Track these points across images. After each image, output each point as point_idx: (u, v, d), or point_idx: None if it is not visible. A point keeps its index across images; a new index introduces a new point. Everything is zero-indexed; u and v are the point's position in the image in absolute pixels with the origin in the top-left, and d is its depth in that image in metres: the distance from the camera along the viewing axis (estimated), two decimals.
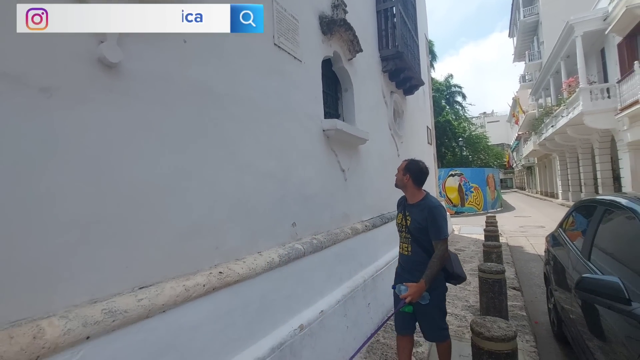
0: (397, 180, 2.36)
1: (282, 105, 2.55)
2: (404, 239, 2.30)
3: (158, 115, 1.57)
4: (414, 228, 2.19)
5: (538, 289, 4.36)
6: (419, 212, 2.18)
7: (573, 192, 17.88)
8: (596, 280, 1.53)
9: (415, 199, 2.27)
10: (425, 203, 2.20)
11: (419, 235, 2.17)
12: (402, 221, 2.30)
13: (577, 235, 2.57)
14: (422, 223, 2.14)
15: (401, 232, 2.33)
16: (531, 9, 23.98)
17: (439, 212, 2.13)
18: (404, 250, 2.29)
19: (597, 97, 12.29)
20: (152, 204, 1.50)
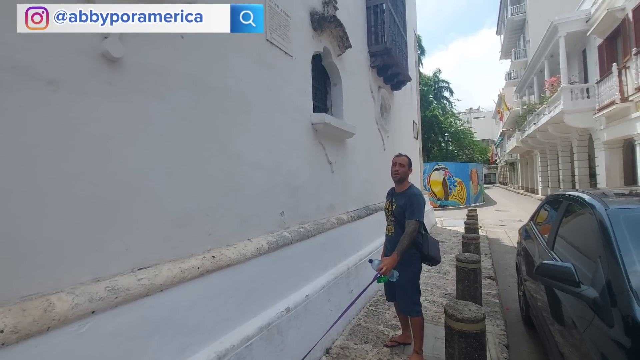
0: (401, 173, 2.60)
1: (273, 99, 2.65)
2: (389, 222, 2.66)
3: (155, 108, 1.66)
4: (397, 212, 2.55)
5: (512, 278, 4.63)
6: (402, 198, 2.55)
7: (552, 188, 18.55)
8: (552, 265, 1.72)
9: (403, 188, 2.63)
10: (409, 191, 2.59)
11: (401, 218, 2.52)
12: (389, 207, 2.66)
13: (546, 227, 2.78)
14: (403, 207, 2.51)
15: (388, 217, 2.68)
16: (519, 7, 24.37)
17: (417, 199, 2.50)
18: (389, 231, 2.66)
19: (577, 96, 12.74)
20: (149, 191, 1.60)
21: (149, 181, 1.60)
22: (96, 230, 1.37)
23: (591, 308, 1.48)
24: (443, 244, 6.87)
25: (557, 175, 18.14)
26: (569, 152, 16.42)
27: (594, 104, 12.10)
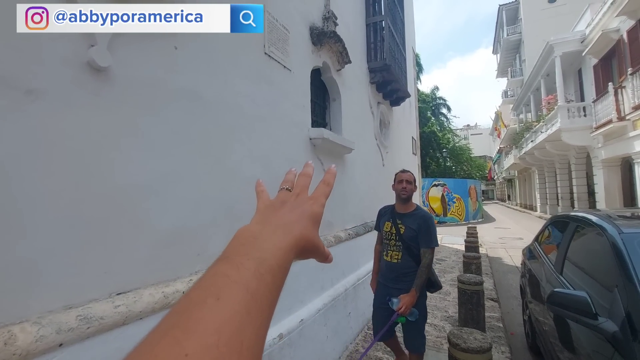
0: (409, 191, 2.40)
1: (271, 113, 2.57)
2: (393, 247, 2.37)
3: (146, 121, 1.56)
4: (408, 236, 2.29)
5: (515, 300, 4.48)
6: (413, 221, 2.31)
7: (550, 206, 18.50)
8: (566, 294, 1.60)
9: (409, 208, 2.40)
10: (420, 212, 2.37)
11: (412, 243, 2.28)
12: (391, 229, 2.40)
13: (551, 249, 2.67)
14: (416, 231, 2.28)
15: (390, 241, 2.39)
16: (514, 27, 24.94)
17: (432, 222, 2.32)
18: (393, 258, 2.36)
19: (574, 115, 12.84)
20: (134, 207, 1.49)
21: (135, 198, 1.50)
22: (72, 250, 1.25)
23: (610, 343, 1.36)
24: (443, 262, 6.71)
25: (555, 193, 18.12)
26: (567, 169, 16.45)
27: (591, 122, 12.20)
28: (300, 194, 0.44)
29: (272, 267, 0.30)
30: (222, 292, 0.26)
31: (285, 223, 0.37)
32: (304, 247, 0.37)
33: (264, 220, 0.38)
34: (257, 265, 0.29)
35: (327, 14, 3.65)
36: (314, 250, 0.40)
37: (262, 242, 0.33)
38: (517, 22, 24.87)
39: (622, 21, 10.61)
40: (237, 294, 0.26)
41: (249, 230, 0.36)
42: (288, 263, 0.34)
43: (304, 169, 0.49)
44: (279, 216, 0.39)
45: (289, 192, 0.45)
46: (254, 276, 0.28)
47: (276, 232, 0.35)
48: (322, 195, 0.44)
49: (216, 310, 0.24)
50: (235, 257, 0.30)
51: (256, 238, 0.34)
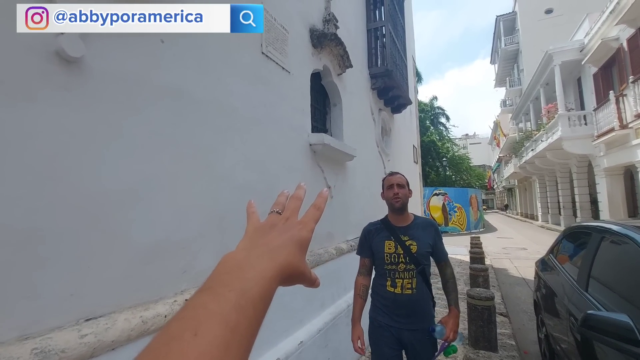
0: (403, 197, 1.86)
1: (267, 116, 2.41)
2: (403, 274, 1.77)
3: (126, 120, 1.39)
4: (423, 254, 1.79)
5: (525, 315, 4.26)
6: (424, 233, 1.83)
7: (552, 215, 18.31)
8: (604, 318, 1.40)
9: (409, 218, 1.91)
10: (425, 220, 1.95)
11: (426, 262, 1.81)
12: (396, 250, 1.80)
13: (571, 263, 2.48)
14: (429, 245, 1.82)
15: (397, 265, 1.79)
16: (512, 38, 25.14)
17: (439, 228, 1.99)
18: (405, 288, 1.76)
19: (575, 123, 12.77)
20: (109, 217, 1.30)
21: (110, 207, 1.31)
22: (32, 268, 1.06)
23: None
24: None
25: (556, 202, 17.95)
26: (568, 178, 16.32)
27: (592, 130, 12.11)
28: (290, 217, 0.43)
29: (254, 299, 0.30)
30: (200, 326, 0.25)
31: (271, 249, 0.37)
32: (290, 274, 0.37)
33: (251, 246, 0.38)
34: (238, 297, 0.29)
35: (327, 16, 3.52)
36: (299, 277, 0.39)
37: (246, 272, 0.32)
38: (515, 32, 25.09)
39: (621, 30, 10.61)
40: (216, 329, 0.26)
41: (234, 257, 0.35)
42: (271, 292, 0.33)
43: (295, 191, 0.49)
44: (266, 241, 0.39)
45: (279, 216, 0.45)
46: (235, 309, 0.28)
47: (262, 258, 0.35)
48: (311, 220, 0.43)
49: (194, 345, 0.24)
50: (217, 287, 0.30)
51: (241, 267, 0.33)
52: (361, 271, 2.00)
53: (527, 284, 5.85)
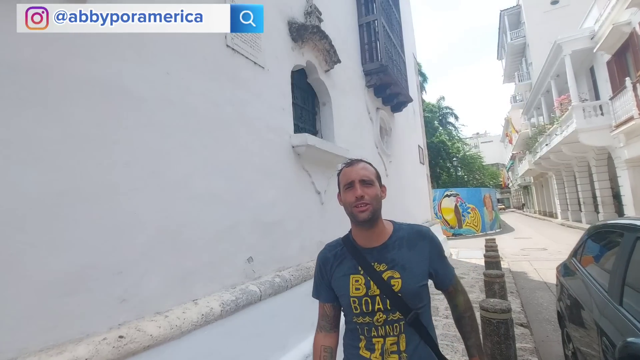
0: (374, 203, 1.07)
1: (236, 116, 2.14)
2: (382, 329, 1.04)
3: (26, 120, 1.13)
4: (413, 292, 1.05)
5: (549, 325, 3.83)
6: (412, 254, 1.09)
7: (572, 212, 17.47)
8: None
9: (385, 233, 1.13)
10: (412, 231, 1.14)
11: (418, 304, 1.06)
12: (368, 290, 1.05)
13: (599, 268, 2.10)
14: (424, 273, 1.08)
15: (373, 317, 1.05)
16: (518, 31, 24.55)
17: (437, 239, 1.17)
18: (389, 353, 1.03)
19: (590, 114, 12.14)
20: (11, 240, 1.04)
21: (6, 229, 1.05)
22: None
23: None
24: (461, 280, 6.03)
25: (576, 198, 17.14)
26: (586, 172, 15.56)
27: (610, 121, 11.47)
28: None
29: None
30: None
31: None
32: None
33: None
34: None
35: (309, 9, 3.27)
36: None
37: None
38: (520, 26, 24.49)
39: (633, 13, 10.06)
40: None
41: None
42: None
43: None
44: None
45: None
46: None
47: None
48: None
49: None
50: None
51: None
52: (322, 325, 1.18)
53: (549, 288, 5.37)
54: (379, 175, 1.16)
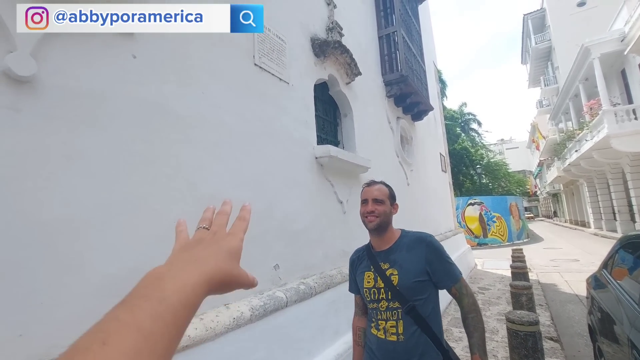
0: (381, 216, 1.41)
1: (263, 130, 2.27)
2: (385, 314, 1.36)
3: (84, 138, 1.28)
4: (408, 286, 1.32)
5: (580, 339, 3.68)
6: (409, 255, 1.37)
7: (606, 221, 16.60)
8: None
9: (391, 238, 1.45)
10: (413, 237, 1.43)
11: (415, 296, 1.32)
12: (376, 283, 1.39)
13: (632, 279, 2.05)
14: (421, 272, 1.34)
15: (378, 303, 1.38)
16: (542, 35, 23.96)
17: (439, 243, 1.42)
18: (390, 333, 1.34)
19: (622, 119, 11.62)
20: (65, 247, 1.18)
21: (66, 235, 1.19)
22: None
23: None
24: (487, 292, 5.90)
25: (610, 206, 16.29)
26: (621, 179, 14.79)
27: None
28: (217, 231, 0.44)
29: (174, 306, 0.30)
30: (109, 336, 0.25)
31: (196, 260, 0.37)
32: (222, 280, 0.37)
33: (174, 260, 0.38)
34: (155, 305, 0.29)
35: (331, 25, 3.40)
36: (234, 282, 0.39)
37: (166, 282, 0.32)
38: (545, 29, 23.88)
39: None
40: (126, 337, 0.26)
41: (155, 271, 0.34)
42: (196, 300, 0.33)
43: (221, 207, 0.49)
44: (191, 254, 0.38)
45: (206, 231, 0.45)
46: (150, 316, 0.28)
47: (185, 269, 0.35)
48: (239, 230, 0.45)
49: (101, 355, 0.24)
50: (132, 299, 0.30)
51: (161, 279, 0.33)
52: (356, 311, 1.59)
53: (581, 301, 5.15)
54: (391, 195, 1.50)
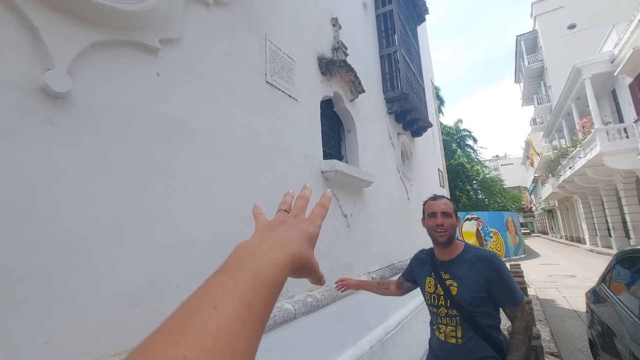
0: (450, 229, 1.52)
1: (274, 144, 2.34)
2: (444, 319, 1.50)
3: (112, 152, 1.34)
4: (466, 298, 1.43)
5: (581, 354, 3.70)
6: (470, 271, 1.45)
7: (601, 237, 16.75)
8: None
9: (456, 251, 1.54)
10: (475, 253, 1.51)
11: (474, 308, 1.42)
12: (436, 290, 1.53)
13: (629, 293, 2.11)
14: (481, 288, 1.41)
15: (438, 308, 1.52)
16: (535, 55, 24.68)
17: (502, 263, 1.47)
18: (449, 336, 1.48)
19: (614, 137, 11.92)
20: (92, 256, 1.22)
21: (93, 244, 1.23)
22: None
23: None
24: None
25: (604, 222, 16.47)
26: (614, 196, 15.03)
27: (636, 143, 11.24)
28: (297, 215, 0.46)
29: (267, 281, 0.32)
30: (219, 302, 0.28)
31: (282, 240, 0.39)
32: (300, 264, 0.39)
33: (262, 237, 0.39)
34: (253, 279, 0.31)
35: (336, 45, 3.53)
36: (309, 269, 0.42)
37: (259, 257, 0.34)
38: (537, 50, 24.63)
39: None
40: (233, 305, 0.28)
41: (247, 245, 0.37)
42: (283, 278, 0.35)
43: (301, 191, 0.52)
44: (276, 233, 0.40)
45: (287, 213, 0.48)
46: (250, 289, 0.30)
47: (273, 247, 0.37)
48: (318, 217, 0.47)
49: (214, 317, 0.26)
50: (233, 269, 0.32)
51: (254, 253, 0.35)
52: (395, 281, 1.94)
53: (580, 316, 5.18)
54: (455, 209, 1.60)
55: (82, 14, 1.28)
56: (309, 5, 3.19)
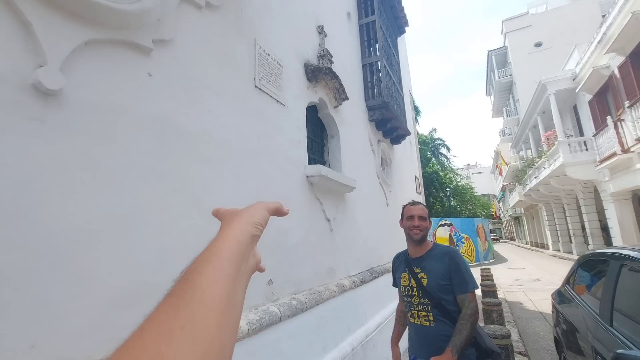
0: (423, 229, 1.83)
1: (261, 148, 2.36)
2: (419, 306, 1.78)
3: (102, 151, 1.32)
4: (434, 287, 1.72)
5: (547, 353, 3.92)
6: (436, 263, 1.76)
7: (563, 243, 17.77)
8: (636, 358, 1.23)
9: (424, 249, 1.86)
10: (440, 249, 1.84)
11: (442, 295, 1.71)
12: (410, 282, 1.83)
13: (590, 294, 2.29)
14: (444, 277, 1.71)
15: (411, 298, 1.82)
16: (505, 70, 25.99)
17: (461, 258, 1.77)
18: (423, 320, 1.77)
19: (575, 149, 12.74)
20: (79, 258, 1.19)
21: (81, 245, 1.20)
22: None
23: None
24: None
25: (566, 229, 17.50)
26: (575, 204, 16.03)
27: (594, 156, 12.05)
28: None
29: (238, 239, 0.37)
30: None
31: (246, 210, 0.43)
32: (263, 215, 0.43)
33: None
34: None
35: (322, 52, 3.60)
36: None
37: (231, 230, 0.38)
38: (507, 65, 25.97)
39: (611, 58, 10.90)
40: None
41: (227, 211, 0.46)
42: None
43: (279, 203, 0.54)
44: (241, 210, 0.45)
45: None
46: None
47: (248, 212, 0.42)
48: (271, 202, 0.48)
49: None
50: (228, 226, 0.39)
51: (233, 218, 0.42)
52: (400, 297, 2.04)
53: (545, 318, 5.49)
54: (429, 214, 1.90)
55: (76, 11, 1.26)
56: (297, 12, 3.24)
